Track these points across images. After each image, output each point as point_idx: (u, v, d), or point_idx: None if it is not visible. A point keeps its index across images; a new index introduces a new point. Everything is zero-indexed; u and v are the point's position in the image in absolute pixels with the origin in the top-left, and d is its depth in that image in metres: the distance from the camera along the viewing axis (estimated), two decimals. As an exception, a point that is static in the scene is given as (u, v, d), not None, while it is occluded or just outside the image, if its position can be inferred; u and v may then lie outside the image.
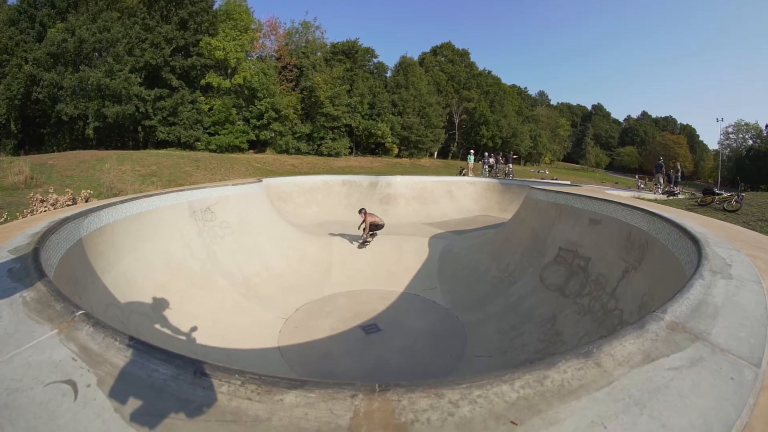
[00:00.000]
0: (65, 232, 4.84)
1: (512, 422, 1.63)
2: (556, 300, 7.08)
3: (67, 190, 12.70)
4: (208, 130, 37.81)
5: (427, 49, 64.38)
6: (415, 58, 58.09)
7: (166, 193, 8.38)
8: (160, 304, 6.18)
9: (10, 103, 34.27)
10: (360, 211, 11.10)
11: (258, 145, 40.49)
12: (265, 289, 8.42)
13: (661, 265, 5.07)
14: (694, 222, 5.49)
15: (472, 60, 65.72)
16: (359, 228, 11.16)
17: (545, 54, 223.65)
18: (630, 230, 6.35)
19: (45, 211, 10.89)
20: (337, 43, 48.69)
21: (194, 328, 6.21)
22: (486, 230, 12.44)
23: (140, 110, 35.25)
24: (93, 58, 34.88)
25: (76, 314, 2.34)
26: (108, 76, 33.13)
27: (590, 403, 1.76)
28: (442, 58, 62.90)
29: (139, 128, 37.60)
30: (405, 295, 8.97)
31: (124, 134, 38.84)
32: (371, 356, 6.48)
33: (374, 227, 10.88)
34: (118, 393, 1.79)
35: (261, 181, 12.30)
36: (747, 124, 79.57)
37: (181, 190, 8.83)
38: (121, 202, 6.71)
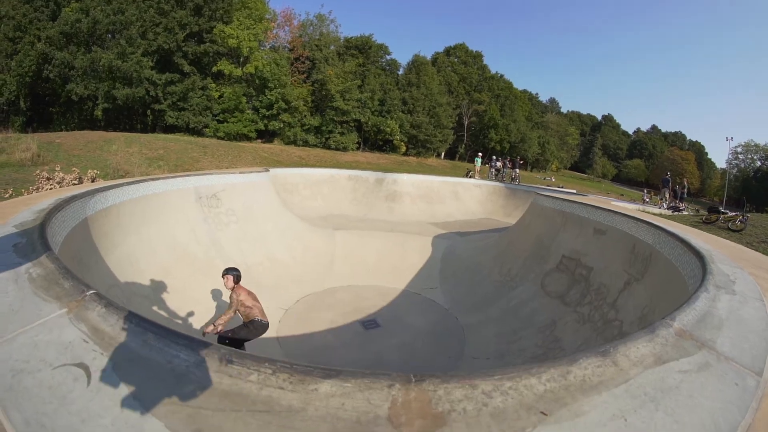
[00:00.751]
0: (71, 210, 4.84)
1: (542, 413, 1.67)
2: (556, 307, 7.08)
3: (73, 168, 12.74)
4: (217, 117, 37.90)
5: (441, 49, 64.27)
6: (428, 57, 57.99)
7: (173, 177, 8.39)
8: (162, 287, 6.20)
9: (20, 80, 34.33)
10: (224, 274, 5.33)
11: (266, 135, 40.51)
12: (267, 279, 8.42)
13: (663, 279, 5.08)
14: (699, 239, 5.50)
15: (485, 63, 65.54)
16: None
17: (559, 62, 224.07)
18: (635, 242, 6.35)
19: (50, 188, 11.00)
20: (351, 37, 48.58)
21: (192, 313, 6.25)
22: (490, 233, 12.43)
23: (150, 94, 35.32)
24: (106, 40, 34.87)
25: (87, 293, 2.26)
26: (120, 58, 33.18)
27: (610, 398, 1.83)
28: (455, 59, 62.68)
29: (148, 112, 37.68)
30: (406, 292, 8.98)
31: (133, 117, 38.91)
32: (370, 351, 6.50)
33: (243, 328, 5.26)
34: (136, 379, 1.71)
35: (268, 170, 12.30)
36: (756, 145, 79.45)
37: (189, 175, 8.83)
38: (128, 183, 6.71)
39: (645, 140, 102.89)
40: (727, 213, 13.96)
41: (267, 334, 6.60)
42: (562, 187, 35.28)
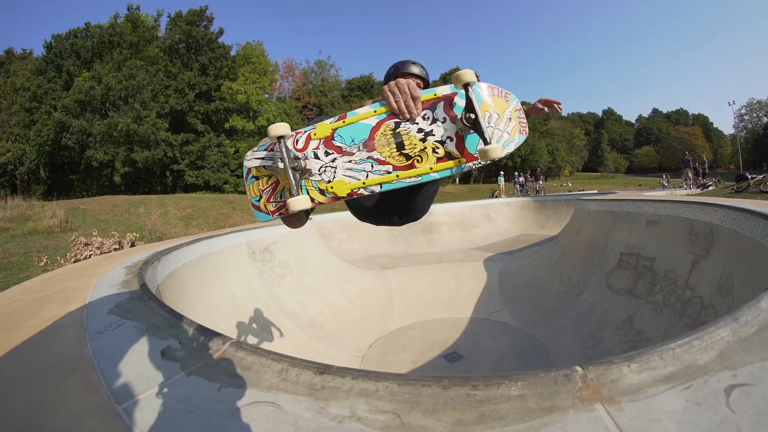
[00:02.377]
0: (148, 278, 4.79)
1: None
2: (627, 302, 7.05)
3: (113, 233, 12.58)
4: (235, 173, 38.86)
5: (437, 77, 65.54)
6: (428, 85, 59.00)
7: (225, 234, 8.32)
8: None
9: (40, 149, 35.78)
10: None
11: (286, 185, 41.22)
12: (331, 327, 8.39)
13: (732, 248, 5.06)
14: (752, 205, 5.42)
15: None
16: None
17: (548, 65, 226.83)
18: (692, 224, 6.34)
19: (91, 254, 10.70)
20: (353, 79, 50.11)
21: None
22: (534, 248, 12.48)
23: (168, 155, 36.58)
24: (119, 106, 36.28)
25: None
26: (136, 121, 34.55)
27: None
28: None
29: (168, 173, 38.75)
30: (474, 320, 9.01)
31: (152, 179, 39.95)
32: None
33: None
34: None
35: (311, 218, 12.58)
36: (759, 102, 78.81)
37: (239, 231, 8.82)
38: (186, 244, 6.54)
39: (649, 125, 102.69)
40: (755, 177, 14.01)
41: None
42: (582, 190, 35.24)
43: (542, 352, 7.21)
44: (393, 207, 2.72)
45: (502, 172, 30.57)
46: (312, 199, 1.72)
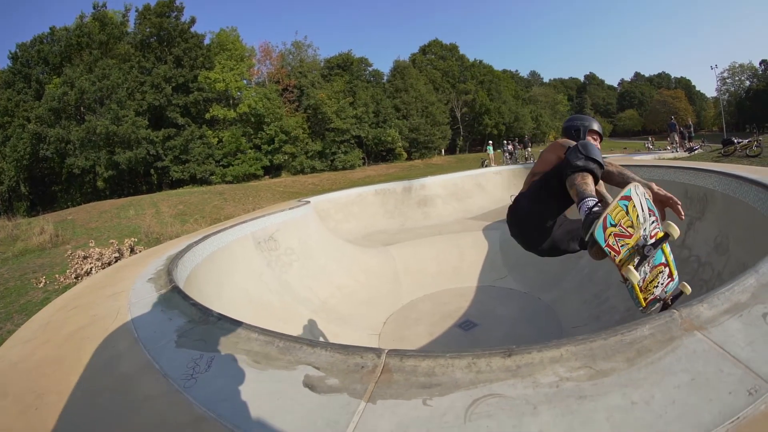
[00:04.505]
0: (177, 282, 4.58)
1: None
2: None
3: (111, 241, 12.44)
4: (220, 163, 38.47)
5: (416, 50, 65.04)
6: (406, 59, 58.76)
7: (229, 227, 8.23)
8: None
9: (18, 164, 34.53)
10: None
11: (272, 170, 41.07)
12: (344, 309, 8.52)
13: (726, 211, 5.48)
14: (742, 171, 5.94)
15: (462, 53, 66.20)
16: None
17: (529, 31, 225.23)
18: (686, 188, 6.66)
19: (91, 267, 10.46)
20: (331, 57, 49.41)
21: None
22: (530, 215, 12.74)
23: (151, 153, 35.66)
24: (95, 108, 35.03)
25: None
26: (114, 123, 33.44)
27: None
28: (432, 56, 63.38)
29: (152, 171, 37.94)
30: (480, 288, 9.26)
31: (136, 180, 39.10)
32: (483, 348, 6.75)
33: None
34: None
35: (310, 202, 12.61)
36: (742, 66, 79.68)
37: (243, 222, 8.77)
38: (195, 244, 6.46)
39: (632, 89, 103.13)
40: (741, 142, 14.45)
41: None
42: (570, 156, 35.54)
43: (551, 315, 7.51)
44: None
45: (490, 142, 30.75)
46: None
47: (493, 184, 18.56)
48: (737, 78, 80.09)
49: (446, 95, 58.34)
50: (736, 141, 14.83)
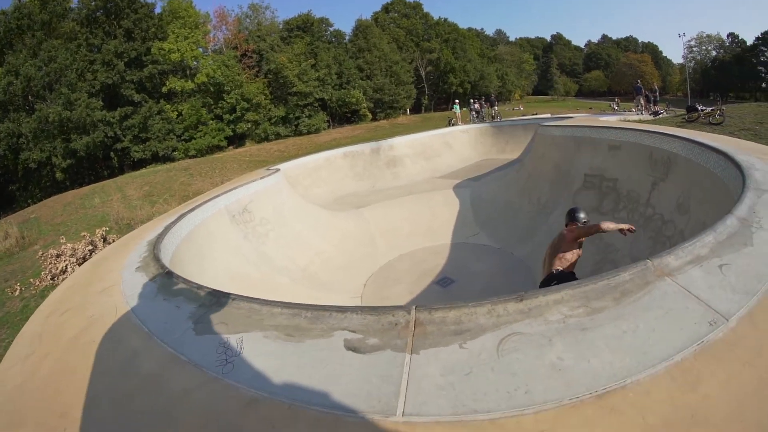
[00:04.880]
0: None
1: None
2: (595, 219, 7.70)
3: (83, 234, 12.01)
4: (182, 138, 37.05)
5: (378, 8, 63.34)
6: (368, 18, 57.31)
7: (202, 203, 8.04)
8: None
9: None
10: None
11: (236, 140, 40.00)
12: (324, 275, 8.63)
13: (688, 173, 5.84)
14: (705, 138, 6.33)
15: (426, 11, 64.85)
16: None
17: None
18: (651, 151, 7.01)
19: (66, 265, 10.21)
20: (290, 19, 47.67)
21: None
22: (499, 172, 13.04)
23: (108, 135, 33.80)
24: (45, 95, 32.58)
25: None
26: (67, 108, 31.31)
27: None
28: (396, 14, 61.90)
29: (112, 154, 35.97)
30: (454, 245, 9.53)
31: (96, 165, 37.02)
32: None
33: None
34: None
35: (279, 170, 12.47)
36: (709, 36, 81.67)
37: (215, 197, 8.58)
38: (172, 224, 6.30)
39: (599, 51, 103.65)
40: (705, 110, 15.05)
41: None
42: (536, 114, 35.98)
43: (525, 269, 7.85)
44: None
45: (457, 101, 30.68)
46: None
47: (461, 142, 18.75)
48: (704, 47, 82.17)
49: (410, 54, 57.40)
50: (700, 108, 15.36)
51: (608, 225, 4.52)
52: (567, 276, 4.56)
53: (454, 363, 2.13)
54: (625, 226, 4.43)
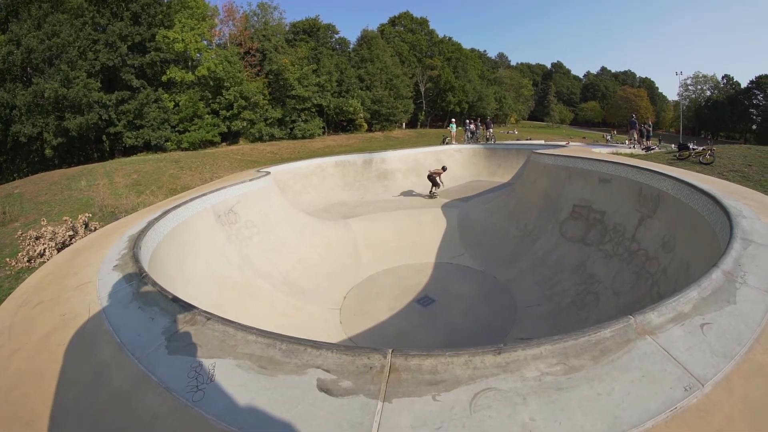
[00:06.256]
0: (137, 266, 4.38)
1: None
2: (580, 249, 7.79)
3: (65, 218, 11.60)
4: (176, 129, 36.59)
5: (385, 20, 64.04)
6: (374, 29, 57.84)
7: (189, 201, 7.85)
8: None
9: None
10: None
11: (229, 137, 39.68)
12: (306, 283, 8.54)
13: (677, 213, 5.89)
14: (690, 177, 6.47)
15: (431, 28, 65.74)
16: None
17: (501, 13, 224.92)
18: (641, 187, 7.11)
19: (45, 248, 9.97)
20: (297, 22, 47.97)
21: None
22: (489, 194, 13.12)
23: (103, 118, 33.07)
24: (44, 69, 31.82)
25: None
26: (64, 85, 30.58)
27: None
28: (402, 28, 62.62)
29: (104, 137, 35.13)
30: (439, 264, 9.49)
31: (87, 147, 36.20)
32: (441, 324, 6.97)
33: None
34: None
35: (270, 173, 12.40)
36: (705, 76, 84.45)
37: (202, 195, 8.39)
38: (155, 220, 6.16)
39: (597, 82, 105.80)
40: (696, 149, 15.44)
41: (338, 337, 6.87)
42: (529, 139, 36.43)
43: (506, 293, 7.84)
44: None
45: (453, 120, 30.90)
46: None
47: (453, 161, 18.85)
48: (699, 87, 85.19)
49: (412, 69, 57.95)
50: (691, 147, 15.82)
51: None
52: None
53: (426, 415, 2.09)
54: None
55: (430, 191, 14.08)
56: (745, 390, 2.20)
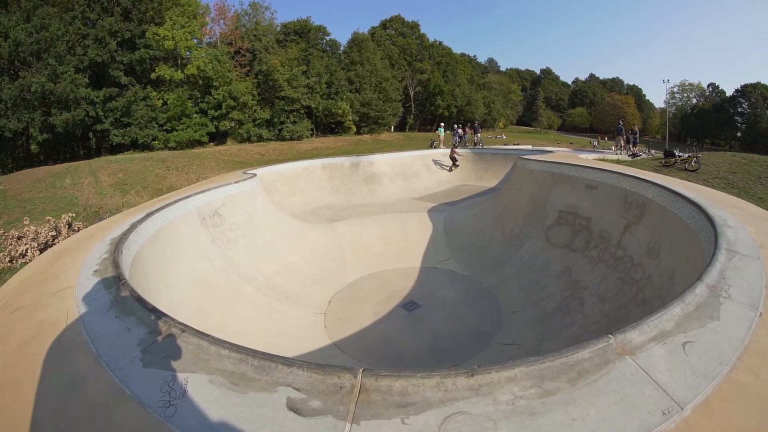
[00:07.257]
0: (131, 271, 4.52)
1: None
2: (566, 255, 7.81)
3: (48, 218, 11.49)
4: (164, 128, 36.15)
5: (377, 23, 64.15)
6: (365, 32, 57.85)
7: (174, 202, 7.70)
8: (207, 330, 5.47)
9: None
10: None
11: (217, 137, 39.39)
12: (290, 287, 8.44)
13: (662, 220, 5.90)
14: (675, 185, 6.47)
15: (422, 32, 65.97)
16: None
17: (492, 17, 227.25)
18: (626, 194, 7.14)
19: (27, 249, 9.87)
20: (288, 22, 47.80)
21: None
22: (475, 199, 13.14)
23: (90, 114, 32.58)
24: (31, 63, 31.24)
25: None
26: (51, 80, 30.10)
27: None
28: (393, 32, 62.78)
29: (90, 134, 34.74)
30: (424, 269, 9.45)
31: (73, 144, 35.85)
32: (426, 330, 6.91)
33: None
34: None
35: (256, 175, 12.28)
36: (691, 84, 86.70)
37: (187, 197, 8.24)
38: (139, 222, 6.01)
39: (585, 89, 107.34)
40: (682, 156, 15.64)
41: (322, 342, 6.79)
42: (517, 144, 36.69)
43: (491, 298, 7.82)
44: None
45: (442, 124, 30.99)
46: None
47: (441, 165, 18.92)
48: (686, 94, 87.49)
49: (401, 72, 58.11)
50: (677, 154, 16.05)
51: None
52: None
53: (394, 439, 2.02)
54: None
55: (454, 163, 18.55)
56: (725, 413, 2.14)
